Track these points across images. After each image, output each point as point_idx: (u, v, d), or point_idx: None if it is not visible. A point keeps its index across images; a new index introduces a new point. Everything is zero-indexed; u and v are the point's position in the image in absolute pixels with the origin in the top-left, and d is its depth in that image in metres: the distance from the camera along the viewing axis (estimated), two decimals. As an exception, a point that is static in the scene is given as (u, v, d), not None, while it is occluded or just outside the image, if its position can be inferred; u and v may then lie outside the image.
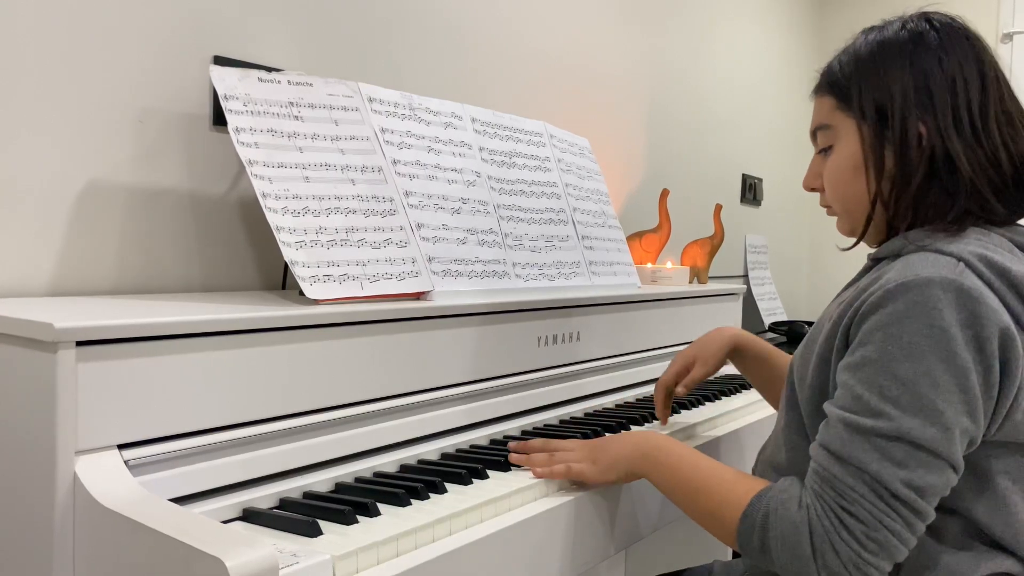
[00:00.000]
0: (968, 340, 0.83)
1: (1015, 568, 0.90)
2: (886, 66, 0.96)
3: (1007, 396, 0.85)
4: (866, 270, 1.01)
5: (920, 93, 0.94)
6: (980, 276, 0.86)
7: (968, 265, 0.86)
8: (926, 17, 0.99)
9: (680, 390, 1.34)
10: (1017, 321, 0.86)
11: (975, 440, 0.86)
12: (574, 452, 1.08)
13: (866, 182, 0.98)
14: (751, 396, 1.69)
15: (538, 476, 1.04)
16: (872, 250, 1.02)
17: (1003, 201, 0.94)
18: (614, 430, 1.32)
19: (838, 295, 1.01)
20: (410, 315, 1.10)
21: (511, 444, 1.14)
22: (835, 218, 1.06)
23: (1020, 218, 0.97)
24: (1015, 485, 0.90)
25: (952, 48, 0.95)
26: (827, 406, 0.90)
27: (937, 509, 0.88)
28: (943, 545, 0.90)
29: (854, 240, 1.04)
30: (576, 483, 1.07)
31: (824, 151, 1.04)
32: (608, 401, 1.52)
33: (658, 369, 1.72)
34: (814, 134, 1.05)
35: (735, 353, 1.35)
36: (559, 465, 1.05)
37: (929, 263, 0.87)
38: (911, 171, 0.94)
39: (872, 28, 1.02)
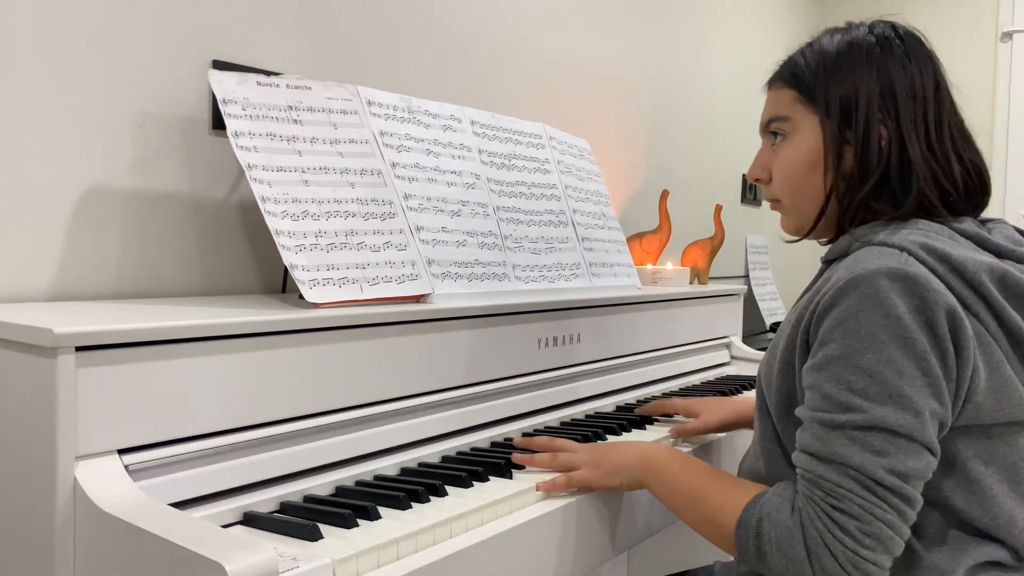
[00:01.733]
0: (921, 324, 0.85)
1: (999, 553, 0.90)
2: (854, 67, 0.99)
3: (964, 377, 0.87)
4: (820, 273, 1.03)
5: (885, 97, 0.97)
6: (923, 263, 0.88)
7: (911, 254, 0.89)
8: (892, 25, 1.02)
9: (673, 433, 1.35)
10: (963, 303, 0.88)
11: (945, 423, 0.87)
12: (577, 456, 1.08)
13: (822, 177, 1.00)
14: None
15: (539, 489, 1.03)
16: (825, 251, 1.04)
17: (948, 206, 0.97)
18: (615, 432, 1.32)
19: (797, 300, 1.02)
20: (410, 318, 1.10)
21: (515, 440, 1.15)
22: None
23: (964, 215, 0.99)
24: (988, 468, 0.91)
25: (914, 58, 0.99)
26: (799, 411, 0.91)
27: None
28: (925, 542, 0.90)
29: (798, 237, 1.07)
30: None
31: (775, 142, 1.06)
32: (609, 403, 1.52)
33: (659, 370, 1.72)
34: (767, 124, 1.07)
35: (747, 426, 1.36)
36: (560, 477, 1.05)
37: (874, 256, 0.89)
38: (868, 171, 0.97)
39: (838, 29, 1.04)
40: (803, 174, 1.02)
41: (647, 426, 1.39)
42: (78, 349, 0.78)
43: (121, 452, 0.81)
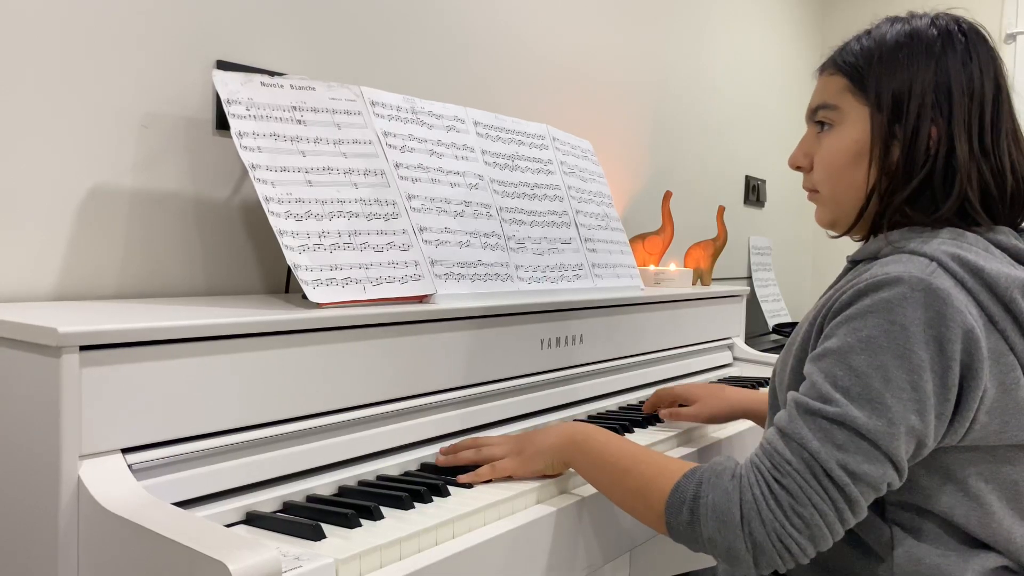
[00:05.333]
0: (929, 340, 0.84)
1: (1002, 561, 0.90)
2: (911, 60, 0.95)
3: (973, 398, 0.86)
4: (845, 272, 1.02)
5: (940, 94, 0.94)
6: (953, 275, 0.87)
7: (941, 265, 0.87)
8: (956, 19, 0.98)
9: (664, 414, 1.36)
10: (991, 318, 0.87)
11: (924, 440, 0.85)
12: (499, 448, 1.07)
13: (866, 172, 0.97)
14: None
15: (462, 482, 1.02)
16: (851, 252, 1.02)
17: (990, 213, 0.94)
18: (617, 432, 1.31)
19: (818, 299, 1.01)
20: (413, 318, 1.10)
21: (440, 449, 1.12)
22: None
23: (1003, 225, 0.97)
24: (988, 485, 0.90)
25: (976, 56, 0.95)
26: (790, 393, 0.91)
27: (917, 512, 0.90)
28: (931, 546, 0.90)
29: (833, 231, 1.04)
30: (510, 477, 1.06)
31: (821, 130, 1.02)
32: (611, 404, 1.52)
33: (662, 371, 1.72)
34: (814, 111, 1.03)
35: (748, 416, 1.36)
36: (484, 468, 1.04)
37: (902, 263, 0.88)
38: (914, 170, 0.94)
39: (898, 18, 1.00)
40: (845, 166, 0.98)
41: (649, 426, 1.39)
42: (82, 348, 0.78)
43: (125, 451, 0.82)
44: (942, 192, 0.94)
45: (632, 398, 1.58)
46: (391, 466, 1.06)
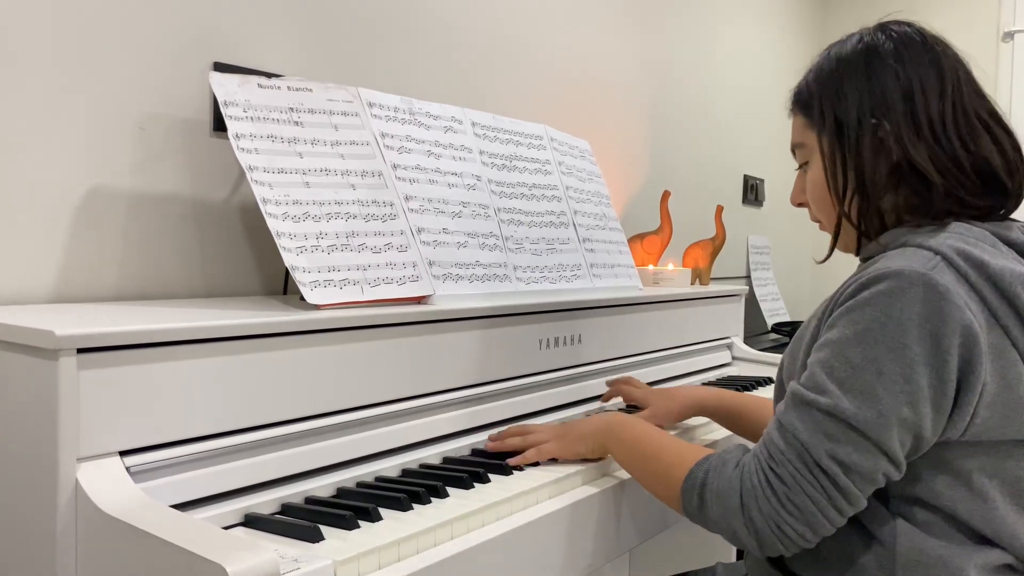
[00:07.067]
0: (924, 334, 0.85)
1: (1005, 559, 0.90)
2: (842, 80, 0.99)
3: (972, 393, 0.86)
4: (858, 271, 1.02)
5: (876, 102, 0.97)
6: (957, 269, 0.88)
7: (945, 258, 0.88)
8: (882, 28, 1.01)
9: None
10: (993, 314, 0.88)
11: (921, 433, 0.86)
12: (544, 433, 1.16)
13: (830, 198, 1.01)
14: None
15: (512, 465, 1.10)
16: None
17: (981, 197, 0.95)
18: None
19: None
20: (411, 319, 1.10)
21: (489, 435, 1.20)
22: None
23: (1010, 210, 0.98)
24: (992, 481, 0.91)
25: (908, 56, 0.97)
26: (791, 383, 0.94)
27: (922, 506, 0.91)
28: (935, 539, 0.90)
29: (856, 254, 1.05)
30: (552, 460, 1.13)
31: (803, 168, 1.07)
32: (611, 404, 1.51)
33: (661, 371, 1.72)
34: (794, 151, 1.08)
35: (702, 413, 1.37)
36: (530, 451, 1.12)
37: (905, 257, 0.89)
38: (871, 181, 0.97)
39: (834, 44, 1.05)
40: (826, 194, 1.02)
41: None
42: (80, 351, 0.78)
43: (123, 454, 0.82)
44: (924, 189, 0.95)
45: (631, 398, 1.58)
46: (389, 467, 1.06)
